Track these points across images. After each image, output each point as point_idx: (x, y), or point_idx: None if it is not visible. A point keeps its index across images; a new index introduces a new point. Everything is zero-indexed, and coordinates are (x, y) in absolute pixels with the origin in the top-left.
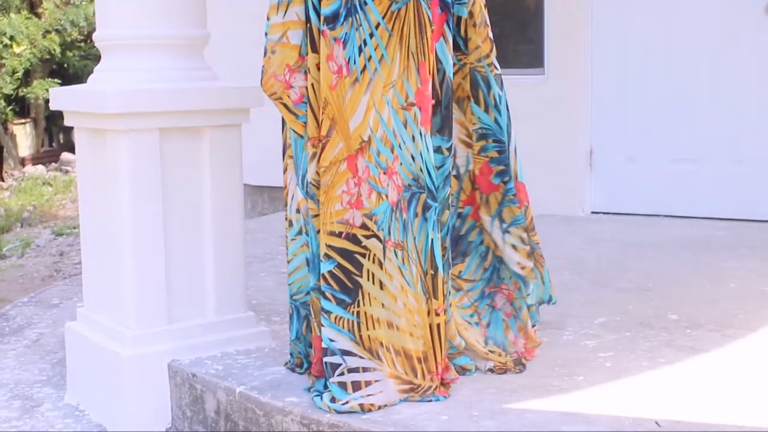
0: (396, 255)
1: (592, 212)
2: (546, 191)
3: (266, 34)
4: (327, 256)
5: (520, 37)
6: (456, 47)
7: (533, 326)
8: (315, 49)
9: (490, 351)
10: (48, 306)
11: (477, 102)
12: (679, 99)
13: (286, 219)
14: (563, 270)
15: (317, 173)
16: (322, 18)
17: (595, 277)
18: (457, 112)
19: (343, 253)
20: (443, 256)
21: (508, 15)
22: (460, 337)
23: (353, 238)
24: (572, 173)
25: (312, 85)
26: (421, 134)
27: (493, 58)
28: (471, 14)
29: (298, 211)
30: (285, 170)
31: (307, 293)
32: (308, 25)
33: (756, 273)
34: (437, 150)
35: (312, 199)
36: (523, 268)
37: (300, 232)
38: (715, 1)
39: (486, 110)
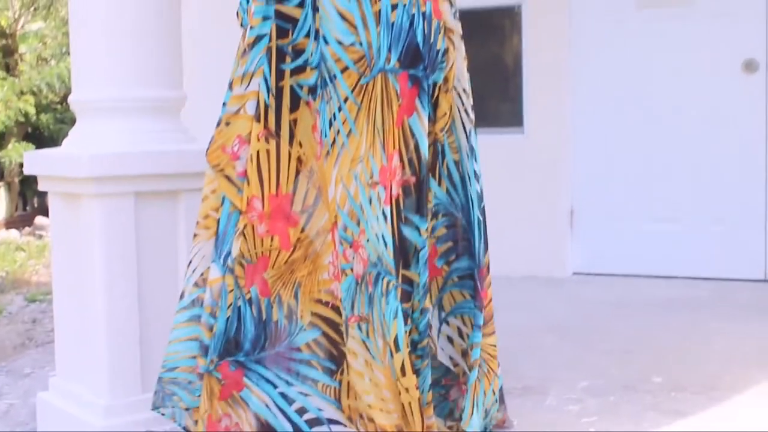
0: (360, 329)
1: (574, 273)
2: (527, 252)
3: (224, 104)
4: (312, 324)
5: (500, 96)
6: None
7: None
8: (258, 119)
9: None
10: (19, 376)
11: (433, 174)
12: (659, 157)
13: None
14: (545, 333)
15: (240, 249)
16: (306, 88)
17: (578, 340)
18: None
19: (329, 323)
20: (425, 343)
21: (487, 73)
22: None
23: (338, 310)
24: (553, 234)
25: (250, 156)
26: (384, 213)
27: (452, 124)
28: (446, 79)
29: (196, 285)
30: (194, 238)
31: (171, 369)
32: (258, 95)
33: (740, 333)
34: (417, 231)
35: (230, 274)
36: (455, 365)
37: (190, 306)
38: (694, 59)
39: (439, 182)
